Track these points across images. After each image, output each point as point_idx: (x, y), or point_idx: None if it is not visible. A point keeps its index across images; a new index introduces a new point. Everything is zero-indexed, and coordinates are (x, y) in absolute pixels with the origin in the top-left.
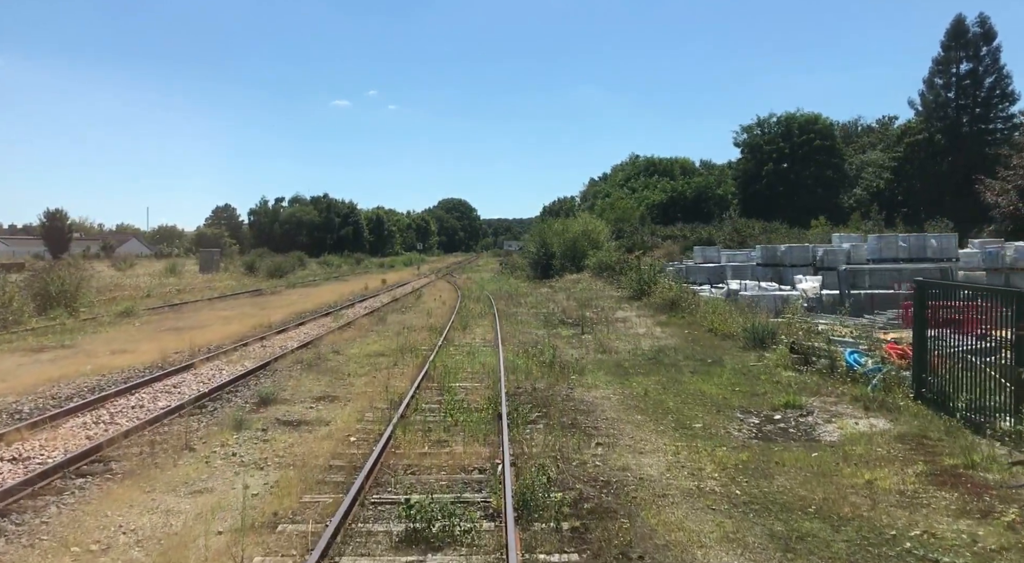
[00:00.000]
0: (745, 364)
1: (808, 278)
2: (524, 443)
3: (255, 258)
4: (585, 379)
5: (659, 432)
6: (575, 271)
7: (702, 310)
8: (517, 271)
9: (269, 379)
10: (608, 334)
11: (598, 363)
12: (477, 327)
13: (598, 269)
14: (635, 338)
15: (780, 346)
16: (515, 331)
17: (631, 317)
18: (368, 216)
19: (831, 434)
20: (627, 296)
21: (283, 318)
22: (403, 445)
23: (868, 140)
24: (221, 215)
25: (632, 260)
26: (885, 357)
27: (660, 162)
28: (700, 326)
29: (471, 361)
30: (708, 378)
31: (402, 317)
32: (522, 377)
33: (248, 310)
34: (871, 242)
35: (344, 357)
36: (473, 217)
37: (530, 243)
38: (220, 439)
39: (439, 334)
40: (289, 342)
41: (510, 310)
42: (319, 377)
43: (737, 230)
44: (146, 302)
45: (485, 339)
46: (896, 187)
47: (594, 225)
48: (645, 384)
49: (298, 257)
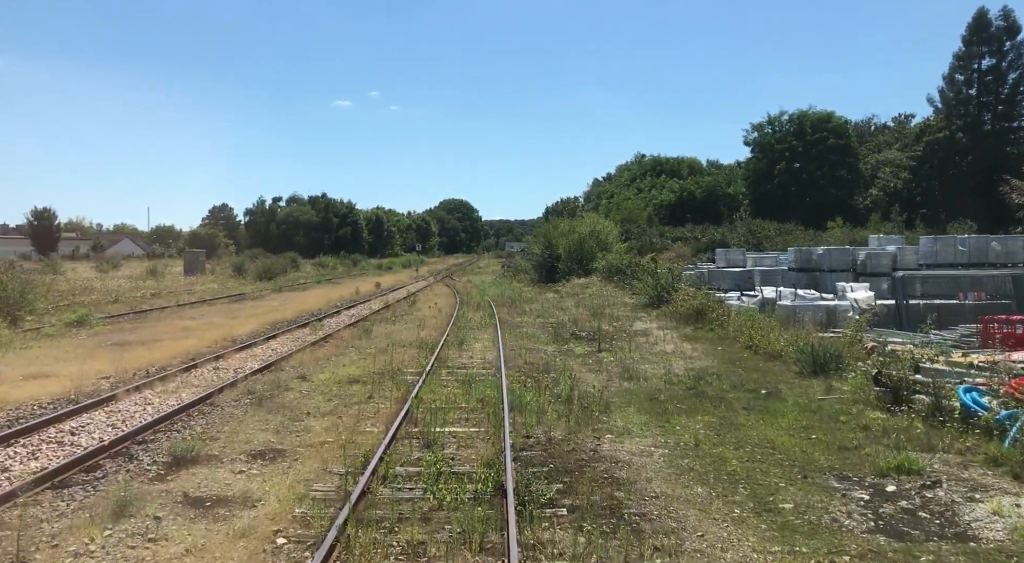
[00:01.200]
0: (810, 397)
1: (854, 286)
2: (543, 551)
3: (244, 259)
4: (614, 420)
5: (736, 520)
6: (582, 274)
7: (735, 322)
8: (520, 274)
9: (202, 421)
10: (630, 352)
11: (626, 394)
12: (476, 342)
13: (608, 273)
14: (663, 358)
15: (852, 374)
16: (520, 347)
17: (652, 330)
18: (367, 216)
19: (987, 524)
20: (643, 304)
21: (253, 329)
22: (356, 554)
23: (883, 139)
24: (218, 215)
25: (646, 263)
26: (1020, 397)
27: (667, 161)
28: (735, 342)
29: (466, 394)
30: (770, 418)
31: (391, 329)
32: (532, 419)
33: (218, 319)
34: (925, 244)
35: (309, 386)
36: (474, 218)
37: (534, 244)
38: (80, 539)
39: (431, 352)
40: (249, 363)
41: (514, 320)
42: (268, 418)
43: (752, 231)
44: (109, 308)
45: (485, 359)
46: (914, 187)
47: (602, 225)
48: (692, 428)
49: (291, 258)
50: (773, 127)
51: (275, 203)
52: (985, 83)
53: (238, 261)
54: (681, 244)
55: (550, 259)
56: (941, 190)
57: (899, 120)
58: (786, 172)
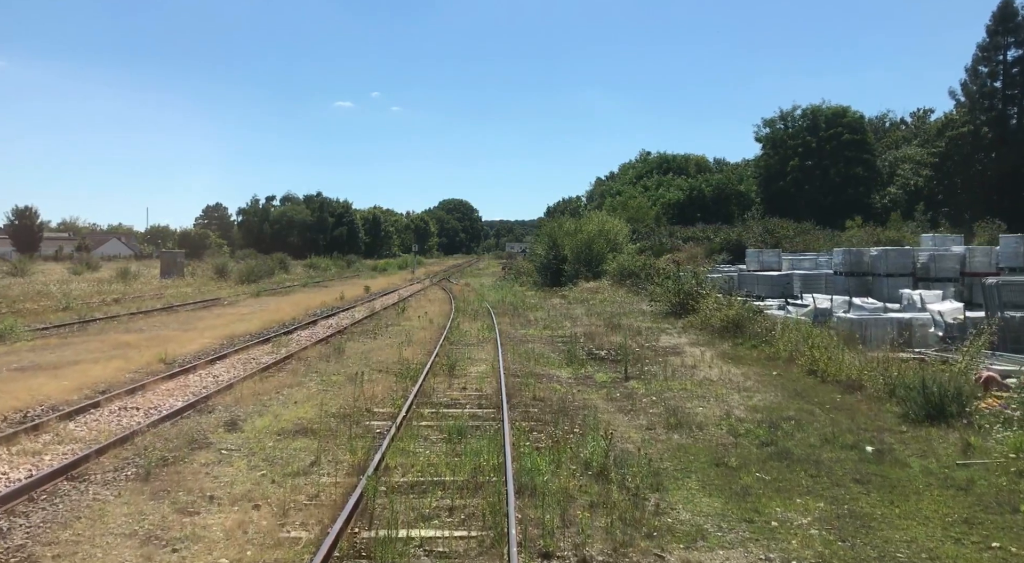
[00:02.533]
0: (942, 460)
1: (925, 294)
2: None
3: (227, 261)
4: (674, 508)
5: None
6: (591, 278)
7: (784, 339)
8: (522, 277)
9: (38, 516)
10: (666, 380)
11: (680, 456)
12: (471, 364)
13: (619, 276)
14: (710, 389)
15: (989, 422)
16: (527, 373)
17: (683, 346)
18: (364, 216)
19: None
20: (664, 312)
21: (203, 347)
22: None
23: (902, 135)
24: (212, 214)
25: (664, 266)
26: None
27: (674, 159)
28: (791, 364)
29: (454, 457)
30: (902, 501)
31: (369, 346)
32: (553, 517)
33: (168, 332)
34: (1008, 245)
35: (235, 441)
36: (474, 218)
37: (537, 245)
38: None
39: (412, 382)
40: (171, 399)
41: (517, 333)
42: (146, 508)
43: (769, 231)
44: (54, 317)
45: (481, 393)
46: (936, 185)
47: (611, 224)
48: (797, 525)
49: (280, 259)
50: (785, 122)
51: (269, 202)
52: (1011, 75)
53: (220, 262)
54: (693, 245)
55: (555, 261)
56: (964, 188)
57: (918, 115)
58: (799, 169)
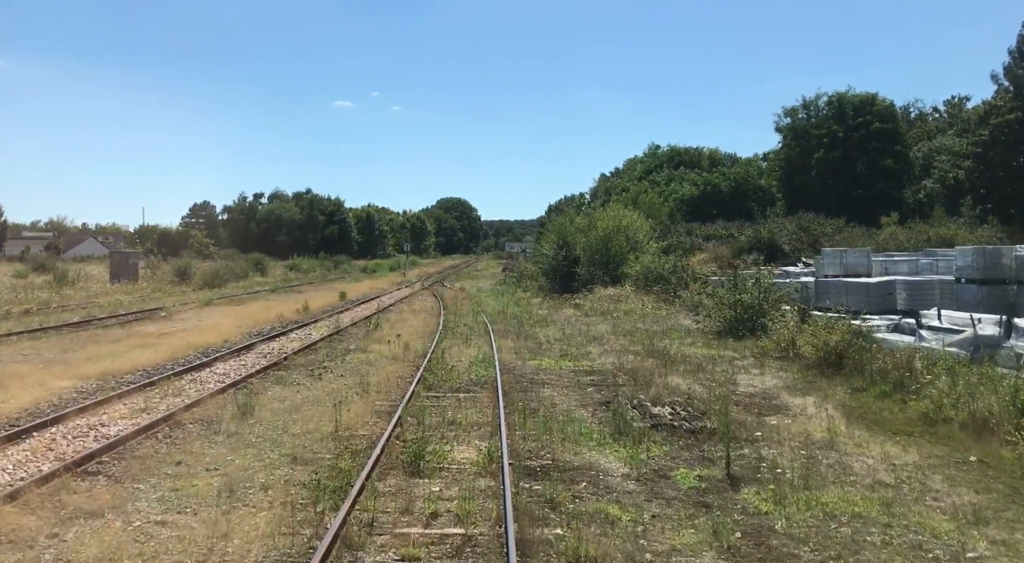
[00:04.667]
0: None
1: None
2: None
3: (190, 262)
4: None
5: None
6: (609, 282)
7: (941, 386)
8: (525, 280)
9: None
10: (808, 490)
11: None
12: (454, 445)
13: (643, 281)
14: (902, 512)
15: None
16: (550, 463)
17: (777, 393)
18: (357, 214)
19: None
20: (715, 330)
21: (40, 399)
22: None
23: (935, 124)
24: (199, 213)
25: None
26: None
27: (686, 152)
28: (982, 434)
29: None
30: None
31: (297, 399)
32: None
33: (27, 368)
34: None
35: None
36: (473, 217)
37: (543, 244)
38: None
39: (335, 503)
40: None
41: (526, 368)
42: None
43: (805, 228)
44: None
45: (465, 541)
46: (977, 177)
47: (630, 219)
48: None
49: (256, 260)
50: (808, 112)
51: (256, 200)
52: None
53: (183, 264)
54: (716, 244)
55: (566, 262)
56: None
57: (953, 103)
58: (824, 162)
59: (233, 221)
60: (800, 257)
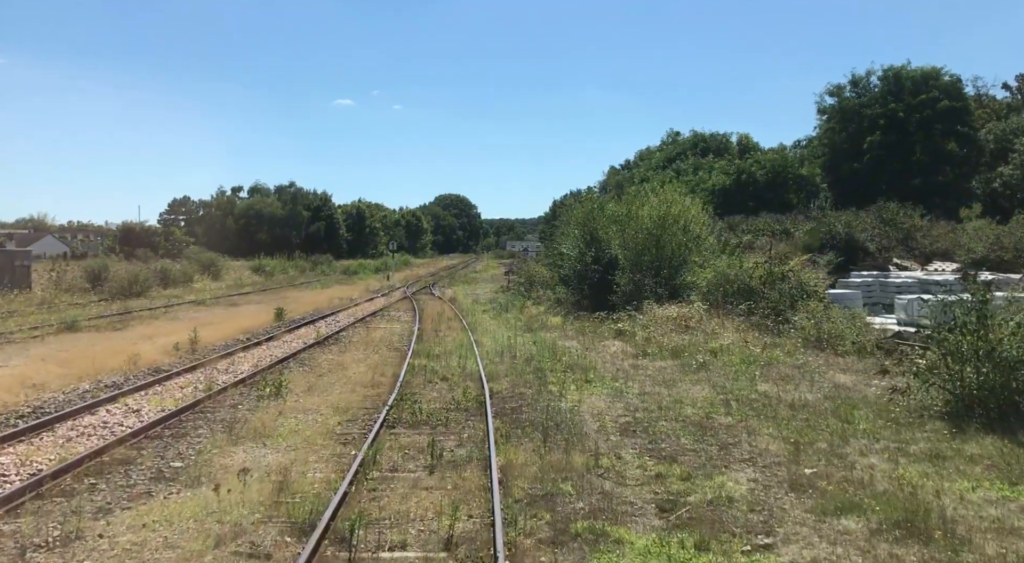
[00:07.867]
0: None
1: None
2: None
3: (105, 262)
4: None
5: None
6: (666, 296)
7: None
8: (537, 289)
9: None
10: None
11: None
12: None
13: (718, 293)
14: None
15: None
16: None
17: None
18: (347, 211)
19: None
20: (939, 412)
21: None
22: None
23: (1007, 103)
24: (178, 208)
25: (797, 273)
26: None
27: (712, 138)
28: None
29: None
30: None
31: None
32: None
33: None
34: None
35: None
36: (473, 215)
37: (563, 240)
38: None
39: None
40: None
41: None
42: None
43: (888, 221)
44: None
45: None
46: None
47: (681, 205)
48: None
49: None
50: (857, 90)
51: (235, 194)
52: None
53: (96, 265)
54: (768, 240)
55: (597, 267)
56: None
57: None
58: (879, 146)
59: (209, 217)
60: (892, 258)
